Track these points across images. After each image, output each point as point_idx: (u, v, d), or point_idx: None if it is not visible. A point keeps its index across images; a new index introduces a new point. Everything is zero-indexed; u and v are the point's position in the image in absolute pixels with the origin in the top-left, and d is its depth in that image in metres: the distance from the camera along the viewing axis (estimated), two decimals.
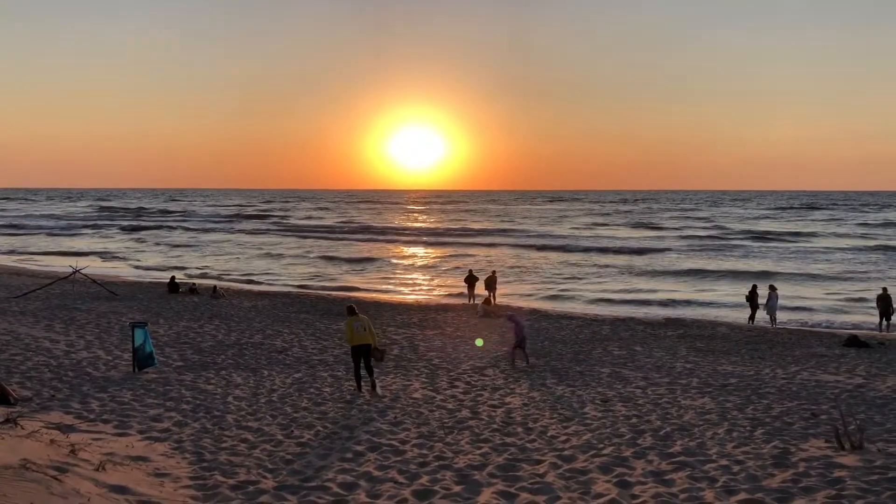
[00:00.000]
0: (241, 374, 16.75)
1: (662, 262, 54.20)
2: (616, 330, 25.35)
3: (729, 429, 12.48)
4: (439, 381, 16.59)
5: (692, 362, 19.62)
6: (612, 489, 8.93)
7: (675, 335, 24.45)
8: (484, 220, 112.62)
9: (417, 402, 14.33)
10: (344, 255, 60.23)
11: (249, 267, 50.52)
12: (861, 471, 9.58)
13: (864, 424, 12.60)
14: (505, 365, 18.64)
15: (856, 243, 66.06)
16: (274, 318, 25.97)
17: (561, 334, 24.12)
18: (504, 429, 12.35)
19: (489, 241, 74.36)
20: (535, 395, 15.26)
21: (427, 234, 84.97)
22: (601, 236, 78.56)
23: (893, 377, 17.83)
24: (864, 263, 52.35)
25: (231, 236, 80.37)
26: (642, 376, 17.57)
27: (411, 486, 9.15)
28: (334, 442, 11.36)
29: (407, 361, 18.92)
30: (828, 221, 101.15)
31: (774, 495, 8.67)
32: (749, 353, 21.14)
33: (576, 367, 18.66)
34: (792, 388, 16.32)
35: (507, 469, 9.91)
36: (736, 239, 72.74)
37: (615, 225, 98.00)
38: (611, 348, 21.64)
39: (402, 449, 10.98)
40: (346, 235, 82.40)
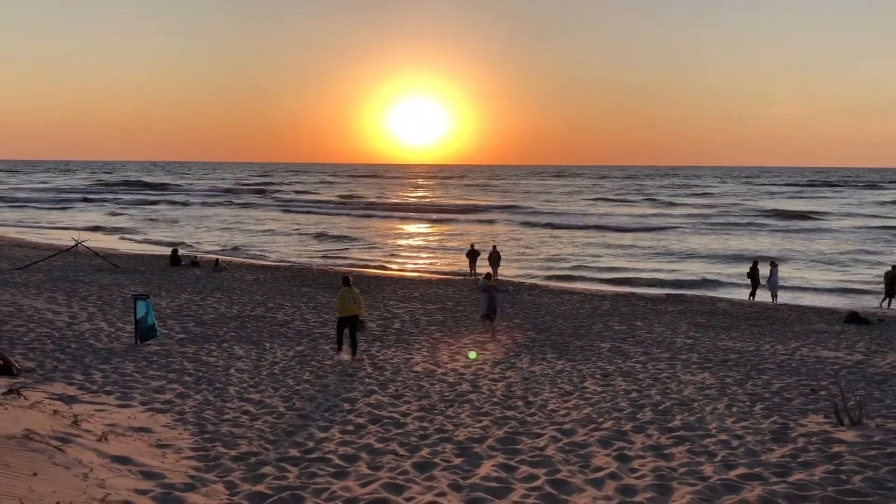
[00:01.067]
0: (243, 346, 16.80)
1: (668, 239, 54.16)
2: (617, 305, 25.38)
3: (728, 404, 12.52)
4: (440, 354, 16.65)
5: (692, 338, 19.66)
6: (611, 463, 8.97)
7: (675, 311, 24.48)
8: (487, 195, 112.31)
9: (419, 376, 14.38)
10: (345, 229, 60.22)
11: (248, 241, 50.53)
12: (859, 446, 9.62)
13: (863, 400, 12.63)
14: (505, 340, 18.69)
15: (864, 223, 65.75)
16: (276, 292, 26.01)
17: (562, 309, 24.16)
18: (504, 402, 12.40)
19: (491, 216, 74.27)
20: (536, 369, 15.30)
21: (429, 209, 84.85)
22: (606, 213, 78.42)
23: (893, 353, 17.87)
24: (869, 241, 52.24)
25: (230, 210, 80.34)
26: (642, 351, 17.62)
27: (412, 459, 9.20)
28: (336, 414, 11.41)
29: (408, 335, 18.97)
30: (836, 199, 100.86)
31: (773, 470, 8.70)
32: (749, 329, 21.18)
33: (576, 341, 18.71)
34: (792, 364, 16.36)
35: (507, 442, 9.96)
36: (744, 216, 72.55)
37: (620, 201, 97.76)
38: (611, 323, 21.68)
39: (403, 422, 11.03)
40: (348, 210, 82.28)
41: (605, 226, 62.78)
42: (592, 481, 8.29)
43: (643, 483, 8.18)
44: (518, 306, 24.48)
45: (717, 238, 54.35)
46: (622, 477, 8.42)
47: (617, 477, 8.41)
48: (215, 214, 74.14)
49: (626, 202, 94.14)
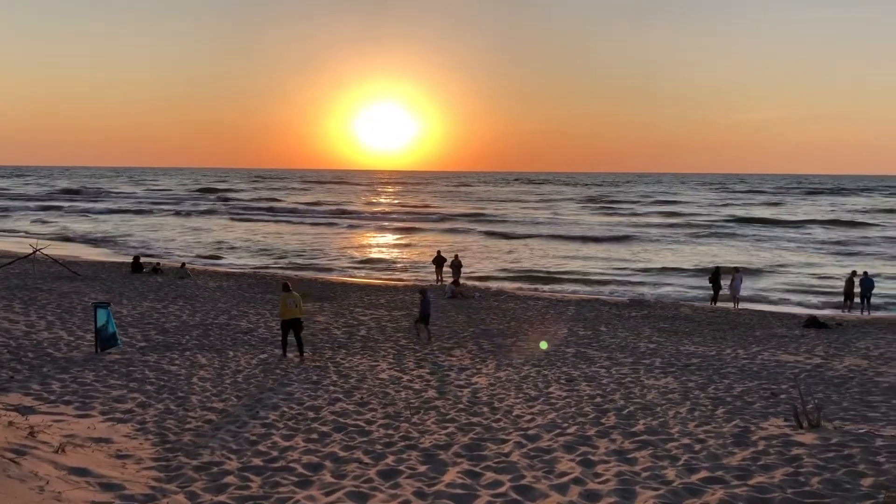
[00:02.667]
0: (205, 354, 16.60)
1: (635, 246, 54.72)
2: (581, 311, 25.55)
3: (691, 408, 12.67)
4: (406, 361, 16.61)
5: (656, 342, 19.87)
6: (575, 468, 9.02)
7: (639, 316, 24.72)
8: (454, 202, 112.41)
9: (384, 383, 14.33)
10: (311, 236, 59.88)
11: (210, 248, 49.99)
12: (818, 448, 9.79)
13: (821, 403, 12.88)
14: (475, 345, 18.72)
15: (828, 231, 67.02)
16: (240, 299, 25.75)
17: (527, 315, 24.25)
18: (470, 408, 12.41)
19: (458, 223, 74.36)
20: (501, 374, 15.34)
21: (396, 215, 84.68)
22: (574, 220, 78.99)
23: (850, 357, 18.24)
24: (832, 247, 53.28)
25: (192, 218, 79.41)
26: (607, 356, 17.75)
27: (377, 466, 9.16)
28: (300, 423, 11.32)
29: (374, 342, 18.90)
30: (804, 205, 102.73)
31: (734, 473, 8.82)
32: (711, 334, 21.46)
33: (541, 347, 18.78)
34: (753, 368, 16.61)
35: (473, 448, 9.96)
36: (711, 223, 73.52)
37: (590, 208, 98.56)
38: (576, 329, 21.82)
39: (368, 429, 10.99)
40: (314, 217, 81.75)
41: (572, 235, 63.18)
42: (557, 487, 8.33)
43: (607, 488, 8.24)
44: (484, 312, 24.53)
45: (683, 244, 55.05)
46: (586, 482, 8.47)
47: (581, 482, 8.46)
48: (173, 222, 73.21)
49: (596, 209, 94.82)
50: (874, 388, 14.79)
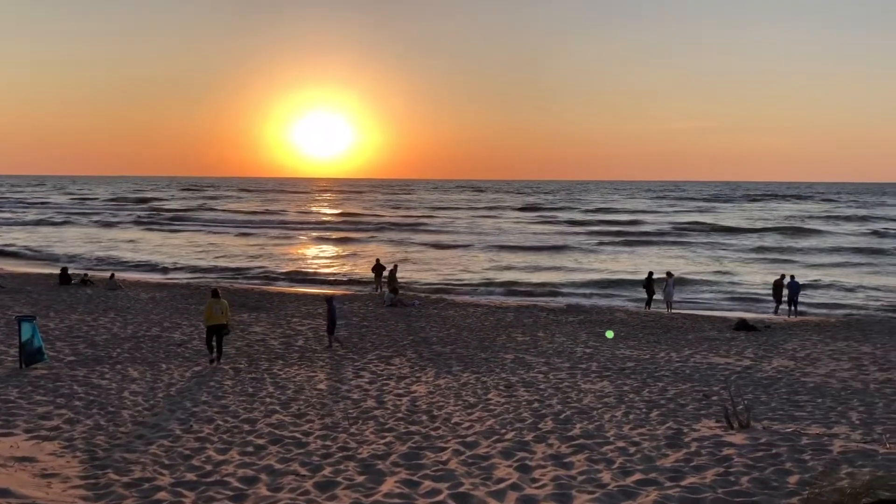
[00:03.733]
0: (137, 368, 16.17)
1: (571, 253, 55.48)
2: (520, 317, 25.77)
3: (626, 411, 12.88)
4: (345, 371, 16.47)
5: (592, 347, 20.16)
6: (513, 474, 9.07)
7: (576, 321, 25.05)
8: (392, 210, 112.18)
9: (322, 394, 14.18)
10: (247, 244, 58.99)
11: (149, 258, 48.81)
12: (747, 448, 10.06)
13: (751, 404, 13.26)
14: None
15: (757, 238, 69.06)
16: (173, 310, 25.18)
17: (466, 322, 24.34)
18: (409, 417, 12.37)
19: (398, 232, 74.23)
20: (441, 382, 15.35)
21: (335, 224, 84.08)
22: (512, 228, 79.67)
23: (778, 358, 18.82)
24: (761, 252, 54.97)
25: (121, 228, 77.40)
26: (544, 361, 17.93)
27: (313, 478, 9.05)
28: (235, 436, 11.12)
29: (312, 352, 18.70)
30: (732, 211, 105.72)
31: (668, 475, 9.00)
32: (646, 338, 21.88)
33: (481, 353, 18.87)
34: (685, 371, 17.00)
35: (411, 457, 9.93)
36: (645, 229, 75.01)
37: (529, 216, 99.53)
38: (515, 335, 21.98)
39: (305, 441, 10.85)
40: (251, 226, 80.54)
41: (511, 243, 63.71)
42: (494, 493, 8.36)
43: (544, 492, 8.31)
44: (424, 320, 24.52)
45: (619, 251, 56.07)
46: (523, 487, 8.52)
47: (518, 488, 8.51)
48: (101, 233, 71.25)
49: (534, 217, 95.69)
50: (801, 389, 15.28)
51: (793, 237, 66.64)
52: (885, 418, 12.69)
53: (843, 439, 10.84)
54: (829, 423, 12.19)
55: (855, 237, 65.89)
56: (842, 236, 67.03)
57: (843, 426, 12.01)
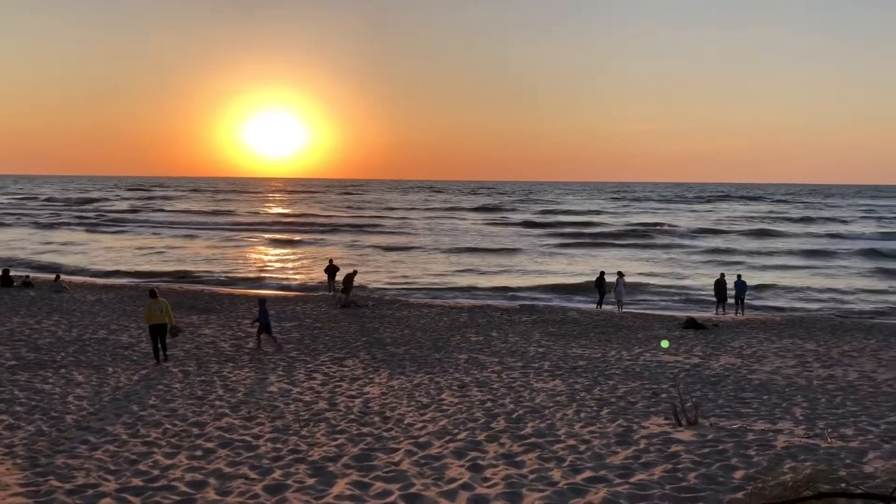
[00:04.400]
0: (83, 371, 15.80)
1: (525, 252, 55.82)
2: (474, 317, 25.84)
3: (577, 409, 13.00)
4: (296, 373, 16.32)
5: (545, 346, 20.31)
6: (464, 473, 9.08)
7: (529, 321, 25.21)
8: (345, 210, 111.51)
9: (273, 396, 14.03)
10: (196, 246, 58.07)
11: (94, 259, 47.73)
12: (695, 445, 10.23)
13: (699, 401, 13.50)
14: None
15: (704, 239, 70.29)
16: (120, 313, 24.66)
17: (420, 322, 24.31)
18: (361, 419, 12.30)
19: (351, 232, 73.82)
20: (394, 383, 15.30)
21: (287, 224, 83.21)
22: (466, 229, 79.85)
23: (726, 356, 19.21)
24: (710, 253, 56.01)
25: (65, 229, 75.57)
26: (498, 361, 18.01)
27: (263, 482, 8.94)
28: (183, 440, 10.92)
29: (263, 354, 18.48)
30: (689, 212, 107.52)
31: (617, 472, 9.10)
32: (597, 337, 22.13)
33: (434, 354, 18.87)
34: (636, 369, 17.23)
35: (363, 459, 9.88)
36: (599, 230, 75.84)
37: (481, 217, 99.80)
38: (468, 335, 22.03)
39: (256, 444, 10.72)
40: (200, 226, 79.28)
41: (464, 244, 63.86)
42: (446, 493, 8.36)
43: (495, 492, 8.34)
44: (377, 321, 24.43)
45: (573, 250, 56.61)
46: (475, 487, 8.54)
47: (469, 487, 8.52)
48: (44, 234, 69.49)
49: (489, 218, 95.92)
50: (747, 386, 15.62)
51: (744, 238, 68.00)
52: (827, 414, 13.03)
53: (787, 434, 11.09)
54: (773, 419, 12.47)
55: (803, 238, 67.49)
56: (790, 237, 68.63)
57: (787, 422, 12.31)
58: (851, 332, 23.47)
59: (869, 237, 68.22)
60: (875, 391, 15.18)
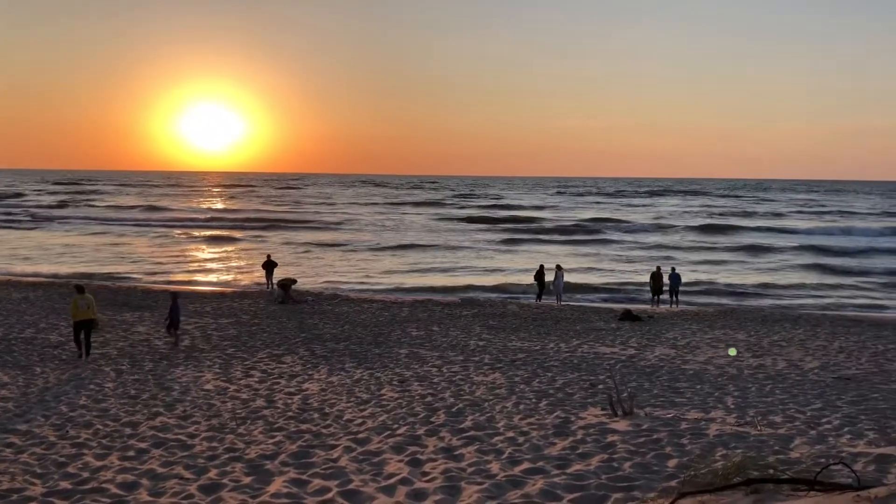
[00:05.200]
0: (8, 372, 15.25)
1: (465, 247, 56.03)
2: (415, 312, 25.83)
3: (517, 402, 13.10)
4: (233, 370, 16.05)
5: (485, 340, 20.43)
6: (403, 468, 9.06)
7: (470, 315, 25.33)
8: (282, 205, 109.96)
9: (209, 394, 13.77)
10: (131, 241, 56.63)
11: (20, 256, 46.10)
12: (630, 434, 10.42)
13: (634, 392, 13.75)
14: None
15: (640, 235, 71.52)
16: (49, 311, 23.89)
17: (361, 318, 24.19)
18: (299, 416, 12.17)
19: (290, 227, 72.94)
20: (334, 379, 15.18)
21: (224, 219, 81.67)
22: (405, 222, 79.70)
23: (660, 347, 19.63)
24: (644, 249, 57.08)
25: (3, 222, 72.84)
26: (438, 355, 18.04)
27: (198, 481, 8.76)
28: (115, 440, 10.64)
29: (199, 352, 18.12)
30: (628, 207, 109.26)
31: (554, 463, 9.20)
32: (536, 330, 22.36)
33: (375, 349, 18.79)
34: (574, 361, 17.47)
35: (301, 456, 9.77)
36: (535, 226, 76.49)
37: (426, 212, 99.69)
38: (409, 330, 22.02)
39: (191, 443, 10.50)
40: (133, 222, 77.28)
41: (406, 240, 63.76)
42: (384, 489, 8.33)
43: (433, 486, 8.34)
44: (317, 316, 24.21)
45: (514, 245, 57.05)
46: (413, 482, 8.53)
47: (408, 482, 8.51)
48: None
49: (434, 213, 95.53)
50: (681, 376, 15.99)
51: (684, 232, 69.33)
52: (757, 402, 13.43)
53: (719, 423, 11.39)
54: (706, 408, 12.80)
55: (743, 233, 68.74)
56: (731, 232, 69.72)
57: (719, 410, 12.64)
58: (780, 323, 24.25)
59: (805, 232, 69.40)
60: (802, 379, 15.71)
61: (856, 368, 17.13)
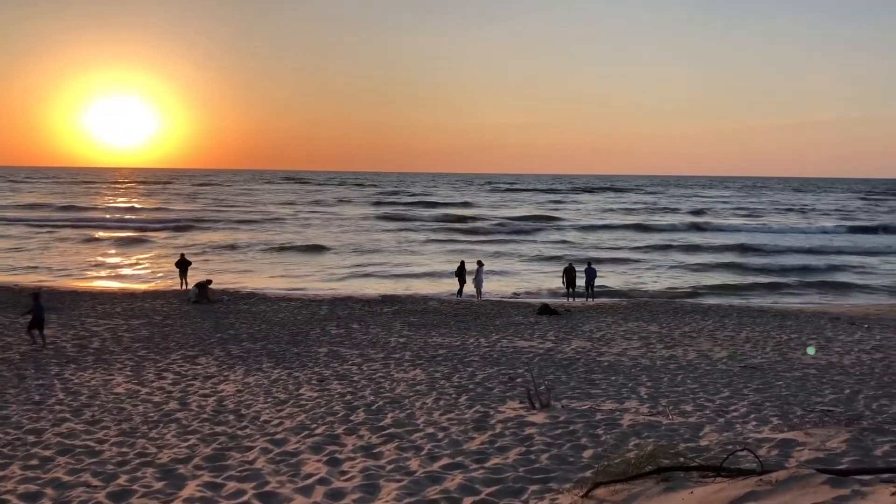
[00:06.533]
0: None
1: (387, 243, 55.82)
2: (334, 309, 25.59)
3: (437, 398, 13.14)
4: (146, 373, 15.56)
5: (405, 336, 20.41)
6: (321, 468, 8.97)
7: (390, 311, 25.26)
8: (195, 202, 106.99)
9: (120, 398, 13.31)
10: (33, 239, 54.18)
11: None
12: (547, 427, 10.59)
13: (552, 384, 13.99)
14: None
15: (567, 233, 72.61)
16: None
17: (279, 317, 23.81)
18: (215, 418, 11.90)
19: (202, 224, 71.12)
20: (250, 380, 14.90)
21: (135, 217, 78.99)
22: (322, 218, 78.87)
23: (577, 340, 20.02)
24: (560, 246, 58.06)
25: None
26: (358, 353, 17.92)
27: (107, 488, 8.46)
28: (16, 449, 10.15)
29: (109, 354, 17.50)
30: (538, 202, 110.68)
31: (473, 457, 9.27)
32: (457, 325, 22.48)
33: (293, 349, 18.53)
34: (493, 356, 17.64)
35: (215, 459, 9.54)
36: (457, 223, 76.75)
37: (351, 209, 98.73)
38: (329, 328, 21.80)
39: (99, 449, 10.12)
40: (38, 221, 73.92)
41: (330, 238, 63.08)
42: (301, 489, 8.22)
43: (352, 484, 8.28)
44: (233, 316, 23.70)
45: (429, 240, 57.16)
46: (331, 481, 8.45)
47: (326, 482, 8.42)
48: None
49: (361, 210, 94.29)
50: (597, 367, 16.35)
51: (602, 231, 70.48)
52: (668, 392, 13.85)
53: (633, 413, 11.70)
54: (621, 399, 13.12)
55: (653, 232, 70.30)
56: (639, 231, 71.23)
57: (633, 401, 12.98)
58: (691, 314, 25.08)
59: (729, 229, 70.16)
60: (712, 369, 16.29)
61: (761, 357, 17.87)
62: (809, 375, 15.64)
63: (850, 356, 18.12)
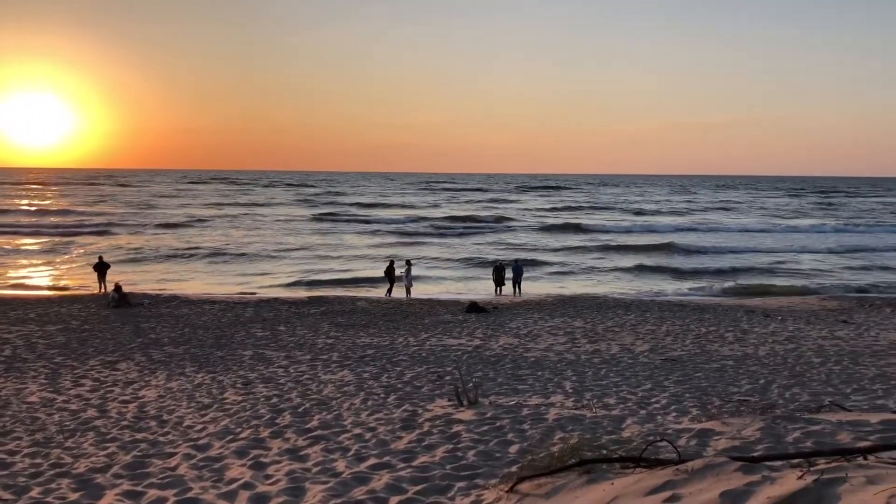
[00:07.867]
0: None
1: (312, 243, 55.25)
2: (259, 311, 25.20)
3: (365, 398, 13.08)
4: (62, 380, 15.01)
5: (333, 337, 20.26)
6: (246, 472, 8.81)
7: (318, 312, 25.03)
8: (115, 202, 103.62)
9: (33, 407, 12.80)
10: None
11: None
12: (475, 423, 10.65)
13: (480, 381, 14.09)
14: (140, 357, 17.49)
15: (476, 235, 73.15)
16: None
17: (202, 320, 23.30)
18: (135, 424, 11.56)
19: (119, 226, 68.97)
20: (173, 385, 14.54)
21: (49, 219, 75.99)
22: (262, 222, 77.57)
23: (505, 336, 20.23)
24: (483, 246, 58.52)
25: None
26: (285, 355, 17.69)
27: (18, 502, 8.11)
28: None
29: (22, 362, 16.80)
30: (457, 202, 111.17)
31: (401, 456, 9.25)
32: (385, 325, 22.43)
33: (217, 352, 18.17)
34: (422, 354, 17.66)
35: (135, 467, 9.27)
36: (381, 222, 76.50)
37: (281, 209, 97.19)
38: (254, 330, 21.46)
39: (10, 461, 9.70)
40: None
41: (257, 239, 62.06)
42: (225, 494, 8.06)
43: (277, 488, 8.16)
44: (154, 320, 23.08)
45: (356, 239, 56.85)
46: (256, 485, 8.31)
47: (251, 486, 8.28)
48: None
49: (289, 210, 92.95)
50: (524, 363, 16.55)
51: (533, 232, 71.07)
52: (592, 385, 14.13)
53: (558, 407, 11.88)
54: (546, 394, 13.32)
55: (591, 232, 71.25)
56: (591, 231, 71.59)
57: (558, 395, 13.19)
58: (614, 309, 25.64)
59: (663, 229, 71.11)
60: (634, 362, 16.69)
61: (681, 350, 18.40)
62: (727, 367, 16.20)
63: (764, 347, 18.84)
